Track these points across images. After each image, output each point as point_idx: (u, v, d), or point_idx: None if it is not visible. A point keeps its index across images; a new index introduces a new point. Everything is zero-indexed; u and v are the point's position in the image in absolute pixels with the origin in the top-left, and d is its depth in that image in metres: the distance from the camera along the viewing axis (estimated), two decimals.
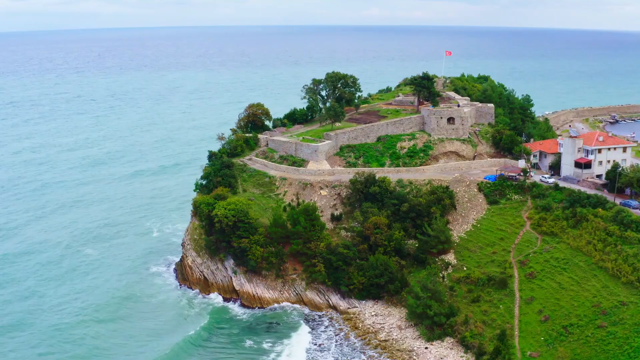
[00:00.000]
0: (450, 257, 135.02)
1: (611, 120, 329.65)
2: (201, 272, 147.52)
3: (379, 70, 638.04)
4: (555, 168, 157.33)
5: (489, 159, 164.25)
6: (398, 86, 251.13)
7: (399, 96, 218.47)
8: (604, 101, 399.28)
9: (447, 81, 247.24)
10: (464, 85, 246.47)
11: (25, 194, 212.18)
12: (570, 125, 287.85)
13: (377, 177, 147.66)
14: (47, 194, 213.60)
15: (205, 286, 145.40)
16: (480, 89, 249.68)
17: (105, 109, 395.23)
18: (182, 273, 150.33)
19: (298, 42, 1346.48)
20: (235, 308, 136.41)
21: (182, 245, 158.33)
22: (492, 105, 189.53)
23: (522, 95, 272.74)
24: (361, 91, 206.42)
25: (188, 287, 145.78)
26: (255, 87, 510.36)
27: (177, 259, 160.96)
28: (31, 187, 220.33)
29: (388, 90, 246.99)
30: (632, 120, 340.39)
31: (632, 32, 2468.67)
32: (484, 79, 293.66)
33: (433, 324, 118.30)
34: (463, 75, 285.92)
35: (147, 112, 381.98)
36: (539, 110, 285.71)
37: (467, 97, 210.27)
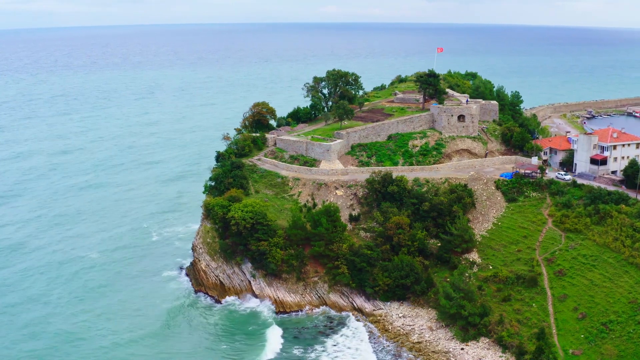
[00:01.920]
0: (475, 256, 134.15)
1: (588, 116, 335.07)
2: (216, 276, 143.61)
3: (351, 67, 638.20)
4: (566, 165, 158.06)
5: (500, 157, 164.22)
6: (392, 83, 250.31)
7: (396, 94, 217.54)
8: (575, 97, 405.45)
9: (441, 78, 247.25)
10: (456, 82, 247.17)
11: (18, 203, 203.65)
12: (553, 122, 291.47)
13: (393, 176, 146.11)
14: (39, 199, 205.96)
15: (222, 291, 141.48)
16: (469, 85, 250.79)
17: (89, 110, 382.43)
18: (196, 278, 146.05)
19: (262, 40, 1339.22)
20: (259, 312, 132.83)
21: (193, 248, 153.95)
22: (495, 102, 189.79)
23: (512, 91, 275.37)
24: (363, 89, 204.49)
25: (204, 292, 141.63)
26: (239, 84, 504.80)
27: (186, 263, 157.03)
28: (23, 194, 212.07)
29: (382, 87, 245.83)
30: (607, 115, 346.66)
31: (587, 28, 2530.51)
32: (472, 75, 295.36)
33: (467, 324, 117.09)
34: (450, 72, 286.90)
35: (131, 113, 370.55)
36: None
37: (466, 95, 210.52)
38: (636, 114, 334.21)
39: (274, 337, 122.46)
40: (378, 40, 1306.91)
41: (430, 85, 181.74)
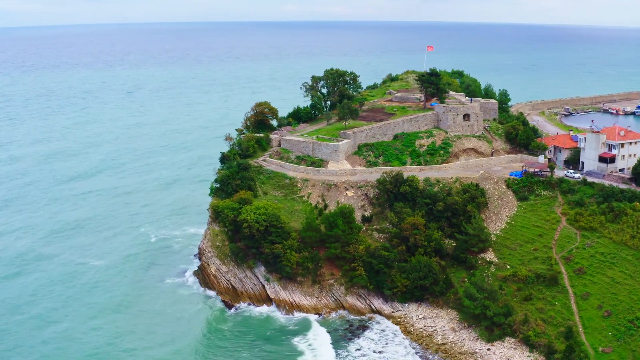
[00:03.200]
0: (491, 256, 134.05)
1: (565, 113, 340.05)
2: (228, 280, 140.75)
3: (329, 66, 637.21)
4: (572, 163, 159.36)
5: (506, 155, 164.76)
6: (384, 82, 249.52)
7: (390, 92, 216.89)
8: (551, 94, 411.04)
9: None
10: (447, 81, 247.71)
11: (14, 211, 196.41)
12: (532, 119, 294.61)
13: (404, 176, 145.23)
14: (34, 206, 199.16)
15: (234, 295, 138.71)
16: (457, 84, 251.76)
17: (72, 112, 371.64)
18: (206, 282, 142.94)
19: (229, 39, 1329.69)
20: (276, 317, 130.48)
21: (200, 252, 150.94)
22: (495, 101, 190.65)
23: (499, 89, 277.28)
24: (361, 88, 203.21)
25: (216, 296, 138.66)
26: (218, 84, 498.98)
27: (188, 267, 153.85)
28: (17, 201, 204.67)
29: (375, 86, 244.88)
30: (584, 112, 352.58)
31: (549, 25, 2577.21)
32: (459, 74, 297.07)
33: (492, 324, 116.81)
34: (434, 70, 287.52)
35: (115, 115, 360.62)
36: None
37: (462, 94, 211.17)
38: (612, 111, 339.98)
39: (294, 342, 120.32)
40: (344, 39, 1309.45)
41: (432, 84, 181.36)
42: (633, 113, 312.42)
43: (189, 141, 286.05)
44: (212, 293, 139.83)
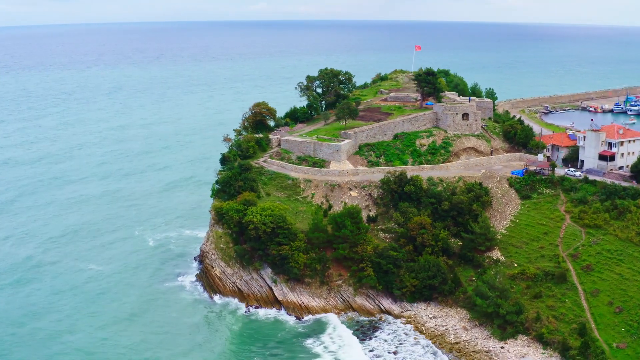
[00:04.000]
0: (497, 254, 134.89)
1: (545, 111, 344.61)
2: (233, 283, 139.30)
3: (308, 64, 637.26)
4: (570, 161, 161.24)
5: (505, 154, 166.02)
6: (374, 82, 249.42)
7: (382, 92, 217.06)
8: (528, 92, 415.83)
9: (413, 76, 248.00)
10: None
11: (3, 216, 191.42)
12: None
13: (408, 176, 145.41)
14: (23, 211, 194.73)
15: (240, 298, 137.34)
16: (444, 83, 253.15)
17: (55, 112, 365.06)
18: (211, 285, 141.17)
19: (202, 38, 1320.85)
20: (285, 319, 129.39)
21: (202, 255, 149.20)
22: (490, 100, 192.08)
23: (486, 88, 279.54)
24: (354, 87, 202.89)
25: (221, 298, 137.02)
26: (202, 83, 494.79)
27: (189, 270, 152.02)
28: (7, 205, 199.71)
29: (365, 85, 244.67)
30: (563, 110, 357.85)
31: (515, 24, 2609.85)
32: (445, 73, 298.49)
33: (505, 322, 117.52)
34: (421, 69, 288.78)
35: (97, 116, 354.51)
36: None
37: (455, 92, 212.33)
38: (590, 109, 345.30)
39: (308, 345, 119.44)
40: (316, 38, 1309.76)
41: (429, 84, 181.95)
42: (611, 110, 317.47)
43: (178, 143, 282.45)
44: (217, 296, 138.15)
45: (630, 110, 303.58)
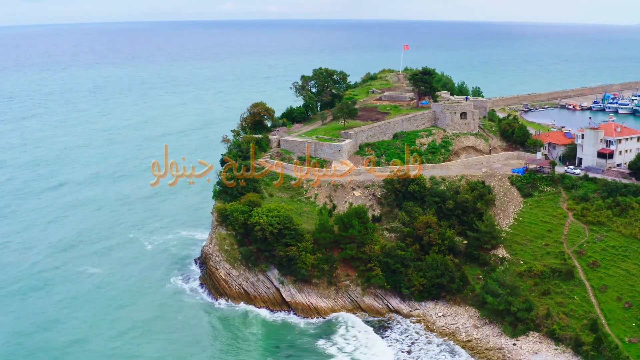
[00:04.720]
0: (503, 252, 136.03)
1: (524, 109, 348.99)
2: (239, 284, 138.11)
3: (285, 64, 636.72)
4: (567, 159, 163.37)
5: (503, 153, 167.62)
6: (364, 81, 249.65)
7: (373, 91, 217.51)
8: (506, 91, 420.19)
9: (409, 75, 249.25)
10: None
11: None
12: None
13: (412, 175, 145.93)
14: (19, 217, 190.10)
15: (248, 300, 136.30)
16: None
17: (42, 113, 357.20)
18: (216, 288, 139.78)
19: (174, 38, 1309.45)
20: (294, 321, 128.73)
21: (205, 257, 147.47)
22: (484, 99, 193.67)
23: (472, 87, 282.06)
24: (350, 87, 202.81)
25: (226, 302, 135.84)
26: (186, 84, 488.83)
27: (190, 272, 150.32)
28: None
29: (355, 85, 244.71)
30: (542, 108, 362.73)
31: (482, 23, 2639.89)
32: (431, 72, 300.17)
33: (516, 319, 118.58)
34: (407, 68, 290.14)
35: (85, 118, 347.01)
36: None
37: (447, 91, 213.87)
38: (569, 106, 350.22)
39: (320, 346, 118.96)
40: (288, 37, 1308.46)
41: (426, 83, 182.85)
42: (590, 108, 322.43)
43: (170, 144, 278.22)
44: (222, 299, 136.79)
45: (609, 108, 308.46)
